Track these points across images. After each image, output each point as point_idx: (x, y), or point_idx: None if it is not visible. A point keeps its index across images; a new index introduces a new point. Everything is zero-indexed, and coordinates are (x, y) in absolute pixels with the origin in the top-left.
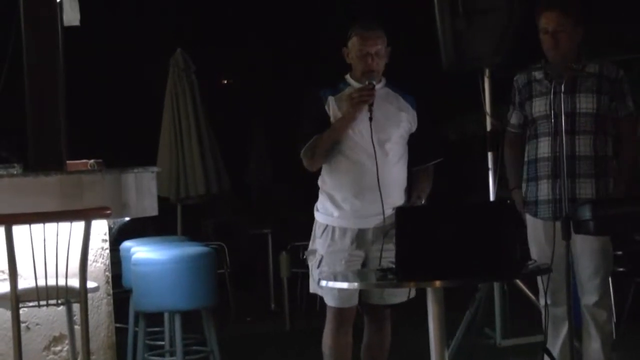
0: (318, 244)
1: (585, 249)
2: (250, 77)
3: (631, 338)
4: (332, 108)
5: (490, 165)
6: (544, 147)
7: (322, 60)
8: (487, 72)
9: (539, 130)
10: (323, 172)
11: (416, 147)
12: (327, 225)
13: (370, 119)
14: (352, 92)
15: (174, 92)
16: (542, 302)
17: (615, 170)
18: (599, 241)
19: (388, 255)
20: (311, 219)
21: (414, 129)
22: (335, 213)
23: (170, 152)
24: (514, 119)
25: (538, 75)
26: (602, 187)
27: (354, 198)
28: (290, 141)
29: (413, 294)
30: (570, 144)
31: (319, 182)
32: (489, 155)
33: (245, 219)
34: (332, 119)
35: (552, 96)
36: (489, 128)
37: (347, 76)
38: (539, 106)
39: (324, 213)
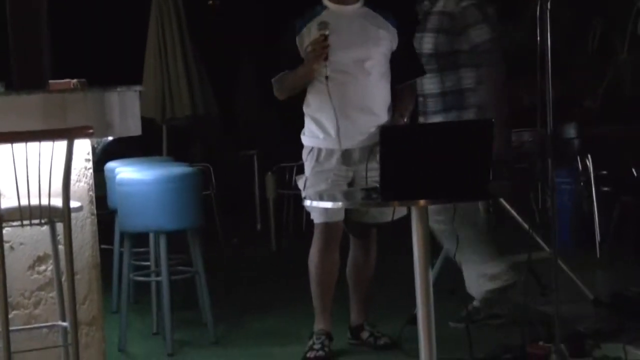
0: (305, 166)
1: None
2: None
3: (616, 256)
4: (305, 42)
5: None
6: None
7: None
8: None
9: None
10: (307, 95)
11: (398, 65)
12: (312, 148)
13: (327, 77)
14: (307, 45)
15: (159, 11)
16: None
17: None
18: None
19: (374, 175)
20: (297, 140)
21: (395, 47)
22: (321, 135)
23: (155, 73)
24: None
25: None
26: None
27: (337, 119)
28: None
29: (402, 213)
30: (420, 83)
31: (304, 107)
32: None
33: (232, 140)
34: (302, 53)
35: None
36: None
37: None
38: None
39: (310, 136)
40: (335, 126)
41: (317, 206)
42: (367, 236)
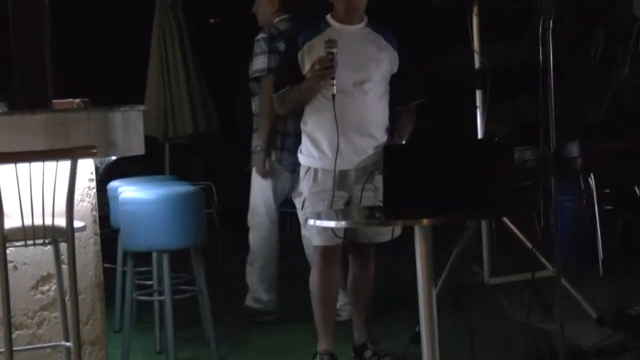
0: (302, 185)
1: None
2: (238, 16)
3: (620, 272)
4: (305, 58)
5: (478, 103)
6: None
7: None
8: (475, 9)
9: None
10: (304, 113)
11: (398, 87)
12: (309, 167)
13: (334, 95)
14: (313, 62)
15: (161, 30)
16: None
17: None
18: None
19: (368, 196)
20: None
21: (395, 69)
22: (317, 155)
23: (157, 91)
24: None
25: None
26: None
27: (334, 140)
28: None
29: (397, 233)
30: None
31: (301, 124)
32: (477, 93)
33: (234, 158)
34: (304, 69)
35: None
36: (477, 66)
37: (328, 16)
38: None
39: (307, 155)
40: (331, 146)
41: (316, 228)
42: (365, 255)
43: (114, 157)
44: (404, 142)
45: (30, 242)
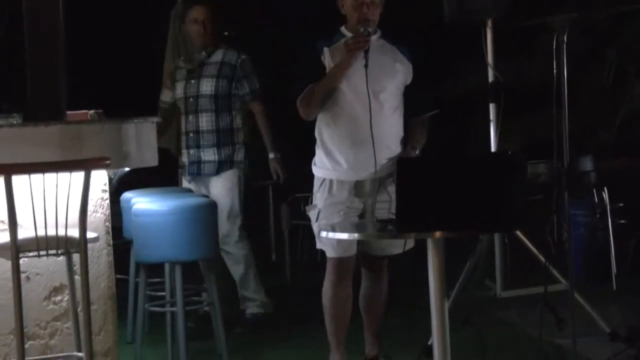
0: (317, 197)
1: None
2: (250, 30)
3: (632, 288)
4: (328, 59)
5: (491, 116)
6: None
7: (323, 12)
8: (489, 23)
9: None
10: (319, 123)
11: (411, 99)
12: (324, 179)
13: (366, 65)
14: (347, 39)
15: (175, 43)
16: None
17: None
18: None
19: (383, 207)
20: (312, 171)
21: (409, 80)
22: (332, 166)
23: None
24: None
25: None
26: (224, 153)
27: (350, 150)
28: (290, 94)
29: (410, 245)
30: (196, 121)
31: (316, 134)
32: (491, 106)
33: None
34: (327, 69)
35: (185, 82)
36: (490, 79)
37: (342, 28)
38: (178, 89)
39: (321, 167)
40: (346, 157)
41: (330, 240)
42: (377, 268)
43: (127, 169)
44: (417, 153)
45: (43, 252)
